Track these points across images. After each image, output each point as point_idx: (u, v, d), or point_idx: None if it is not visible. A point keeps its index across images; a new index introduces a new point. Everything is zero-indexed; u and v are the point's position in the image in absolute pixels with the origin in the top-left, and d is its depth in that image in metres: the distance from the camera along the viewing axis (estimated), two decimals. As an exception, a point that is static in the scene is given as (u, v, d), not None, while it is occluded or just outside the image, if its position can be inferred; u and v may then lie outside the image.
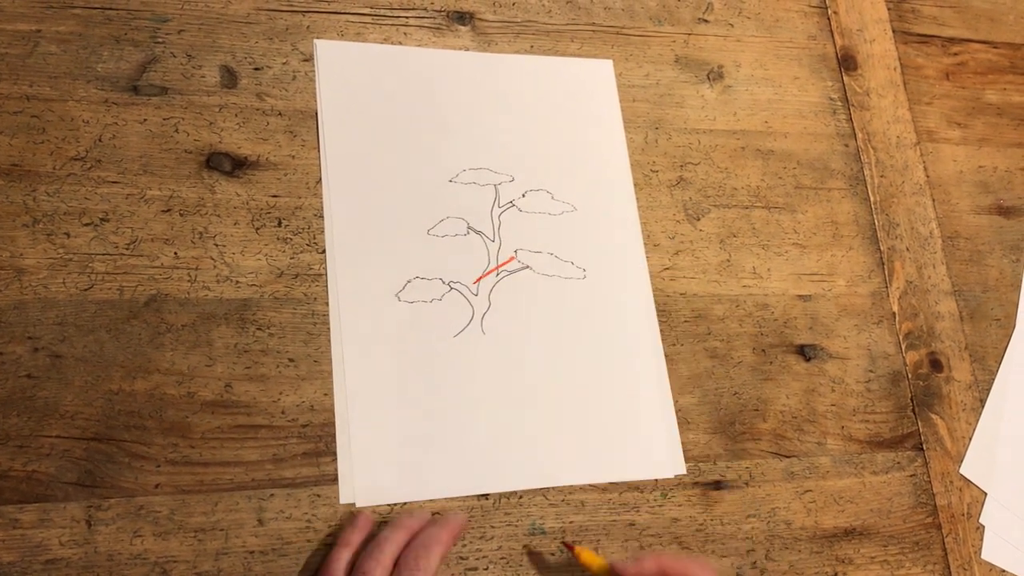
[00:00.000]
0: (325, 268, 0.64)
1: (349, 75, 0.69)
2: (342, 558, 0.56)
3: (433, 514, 0.60)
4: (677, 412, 0.67)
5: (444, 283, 0.66)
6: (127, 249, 0.61)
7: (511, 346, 0.65)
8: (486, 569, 0.61)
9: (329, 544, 0.58)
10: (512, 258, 0.68)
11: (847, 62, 0.82)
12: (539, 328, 0.66)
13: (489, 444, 0.63)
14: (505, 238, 0.68)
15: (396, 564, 0.55)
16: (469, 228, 0.68)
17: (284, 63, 0.68)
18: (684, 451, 0.67)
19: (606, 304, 0.68)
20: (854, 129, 0.80)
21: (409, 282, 0.65)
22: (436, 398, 0.63)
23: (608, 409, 0.66)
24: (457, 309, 0.65)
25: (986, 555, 0.71)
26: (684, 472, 0.66)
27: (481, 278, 0.66)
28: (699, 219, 0.73)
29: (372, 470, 0.60)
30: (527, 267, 0.68)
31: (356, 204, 0.66)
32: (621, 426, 0.66)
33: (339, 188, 0.66)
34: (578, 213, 0.70)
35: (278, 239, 0.64)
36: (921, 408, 0.73)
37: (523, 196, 0.70)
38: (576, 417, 0.65)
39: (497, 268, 0.67)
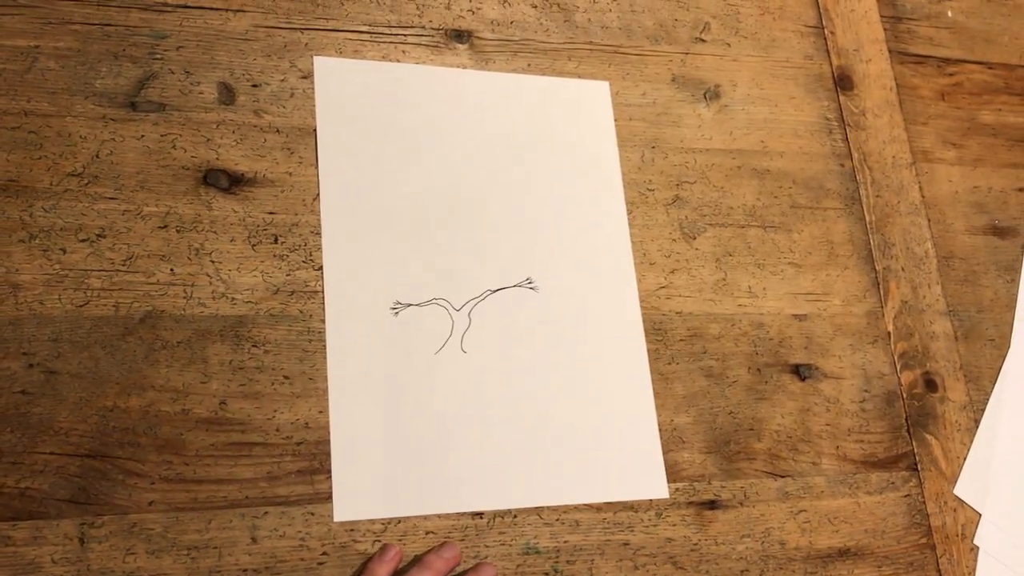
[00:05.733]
0: (322, 285, 0.64)
1: (347, 92, 0.69)
2: None
3: (487, 569, 0.60)
4: (672, 431, 0.67)
5: (439, 301, 0.66)
6: (123, 265, 0.61)
7: (500, 363, 0.65)
8: (480, 588, 0.61)
9: (322, 563, 0.58)
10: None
11: (843, 82, 0.83)
12: (526, 346, 0.67)
13: (481, 462, 0.63)
14: (499, 256, 0.68)
15: None
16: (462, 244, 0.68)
17: (282, 80, 0.68)
18: (679, 470, 0.67)
19: (591, 323, 0.68)
20: (850, 149, 0.81)
21: (404, 300, 0.65)
22: (429, 416, 0.63)
23: (591, 429, 0.66)
24: (449, 326, 0.65)
25: (980, 576, 0.71)
26: (667, 496, 0.66)
27: (475, 298, 0.67)
28: (695, 238, 0.74)
29: (366, 488, 0.60)
30: (517, 285, 0.68)
31: (353, 221, 0.66)
32: (605, 447, 0.66)
33: (336, 205, 0.66)
34: (568, 232, 0.71)
35: (274, 256, 0.64)
36: (916, 428, 0.74)
37: (514, 214, 0.70)
38: (561, 437, 0.65)
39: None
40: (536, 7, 0.76)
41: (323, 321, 0.63)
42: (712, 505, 0.67)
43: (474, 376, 0.65)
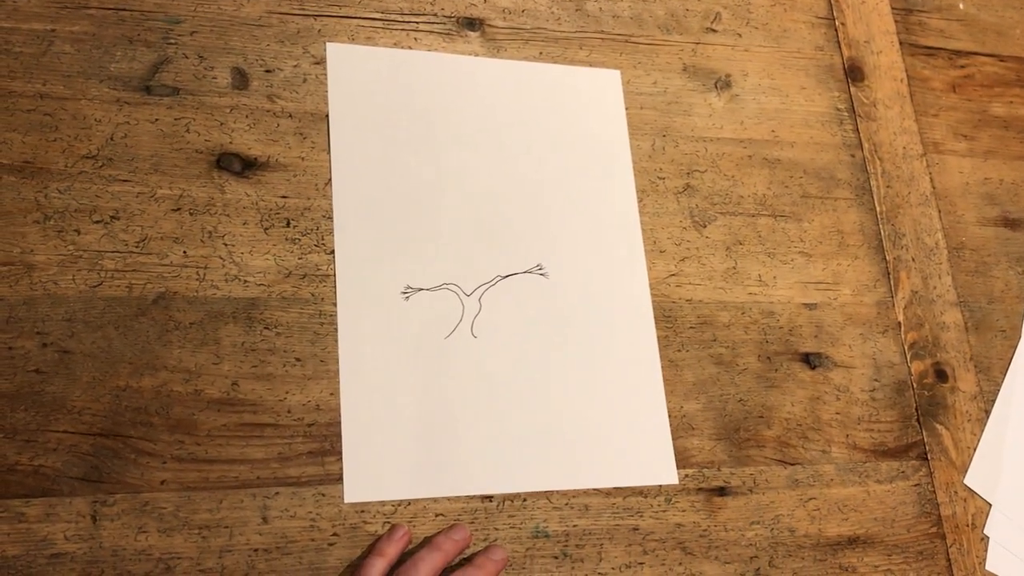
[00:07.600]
0: (333, 269, 0.64)
1: (359, 78, 0.69)
2: (376, 567, 0.57)
3: (497, 551, 0.60)
4: (682, 418, 0.68)
5: (450, 286, 0.66)
6: (137, 247, 0.61)
7: (510, 349, 0.66)
8: (489, 571, 0.61)
9: (332, 543, 0.59)
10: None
11: (854, 73, 0.83)
12: (536, 331, 0.67)
13: (491, 446, 0.63)
14: (509, 242, 0.68)
15: None
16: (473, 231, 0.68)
17: (295, 66, 0.68)
18: (688, 456, 0.67)
19: (601, 310, 0.69)
20: (860, 139, 0.81)
21: (415, 284, 0.65)
22: (439, 399, 0.63)
23: (601, 415, 0.66)
24: (459, 311, 0.65)
25: (990, 566, 0.70)
26: (676, 482, 0.66)
27: (486, 284, 0.67)
28: (705, 226, 0.74)
29: (377, 470, 0.60)
30: (528, 271, 0.68)
31: (365, 205, 0.66)
32: (614, 432, 0.66)
33: (348, 190, 0.66)
34: (578, 219, 0.71)
35: (287, 239, 0.64)
36: (926, 418, 0.73)
37: (525, 201, 0.70)
38: (571, 422, 0.65)
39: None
40: (548, -4, 0.77)
41: (334, 304, 0.63)
42: (721, 492, 0.67)
43: (484, 361, 0.65)
